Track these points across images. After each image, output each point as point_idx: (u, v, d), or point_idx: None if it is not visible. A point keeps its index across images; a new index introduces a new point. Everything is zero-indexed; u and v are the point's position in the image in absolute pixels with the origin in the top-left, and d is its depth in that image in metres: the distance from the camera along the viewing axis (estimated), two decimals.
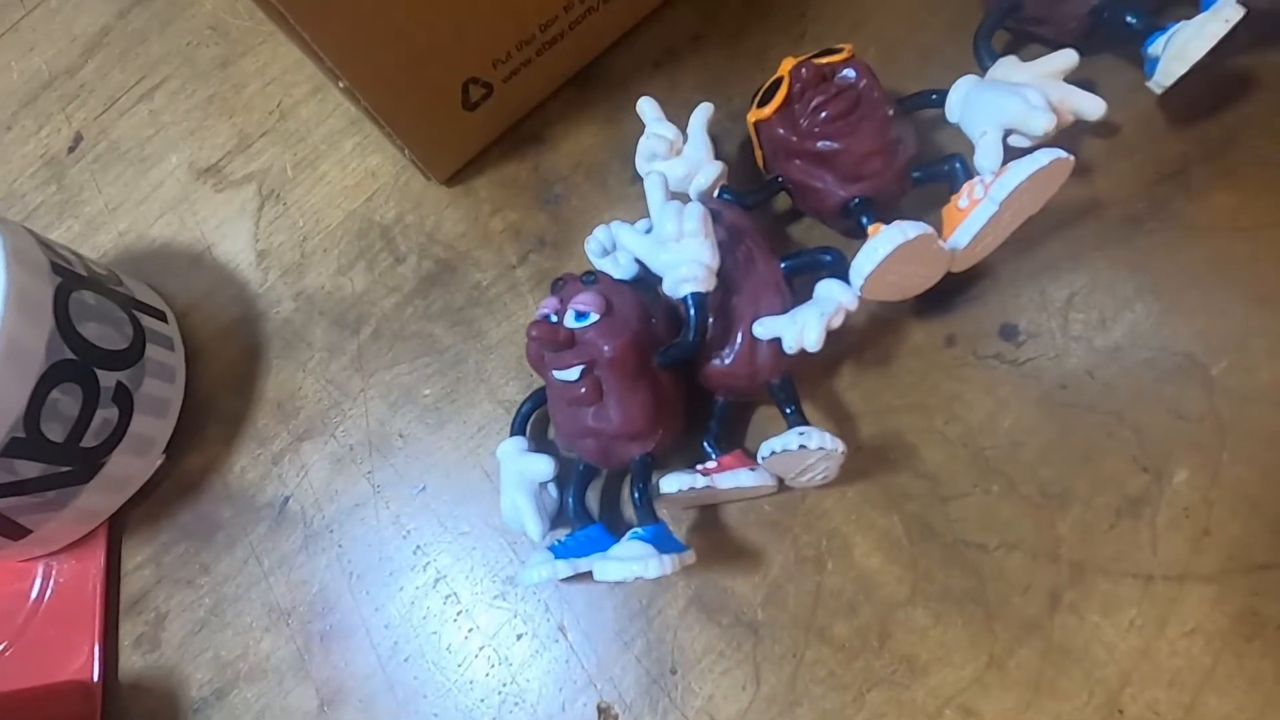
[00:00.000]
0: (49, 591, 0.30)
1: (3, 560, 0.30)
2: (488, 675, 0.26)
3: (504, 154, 0.33)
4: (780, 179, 0.26)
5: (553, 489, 0.25)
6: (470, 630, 0.27)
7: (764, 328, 0.23)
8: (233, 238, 0.35)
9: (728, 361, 0.23)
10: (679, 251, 0.22)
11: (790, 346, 0.22)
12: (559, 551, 0.24)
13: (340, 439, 0.30)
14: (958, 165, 0.25)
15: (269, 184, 0.36)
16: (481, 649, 0.26)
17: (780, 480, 0.24)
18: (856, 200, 0.25)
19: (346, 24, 0.24)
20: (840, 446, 0.21)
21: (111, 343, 0.29)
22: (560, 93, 0.33)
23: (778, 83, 0.25)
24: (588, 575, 0.25)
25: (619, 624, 0.25)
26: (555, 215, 0.32)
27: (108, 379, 0.28)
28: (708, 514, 0.26)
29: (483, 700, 0.26)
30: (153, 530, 0.31)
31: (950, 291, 0.26)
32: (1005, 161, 0.24)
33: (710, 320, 0.23)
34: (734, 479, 0.23)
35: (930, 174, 0.25)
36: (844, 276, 0.23)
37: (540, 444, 0.28)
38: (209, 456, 0.31)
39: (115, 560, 0.31)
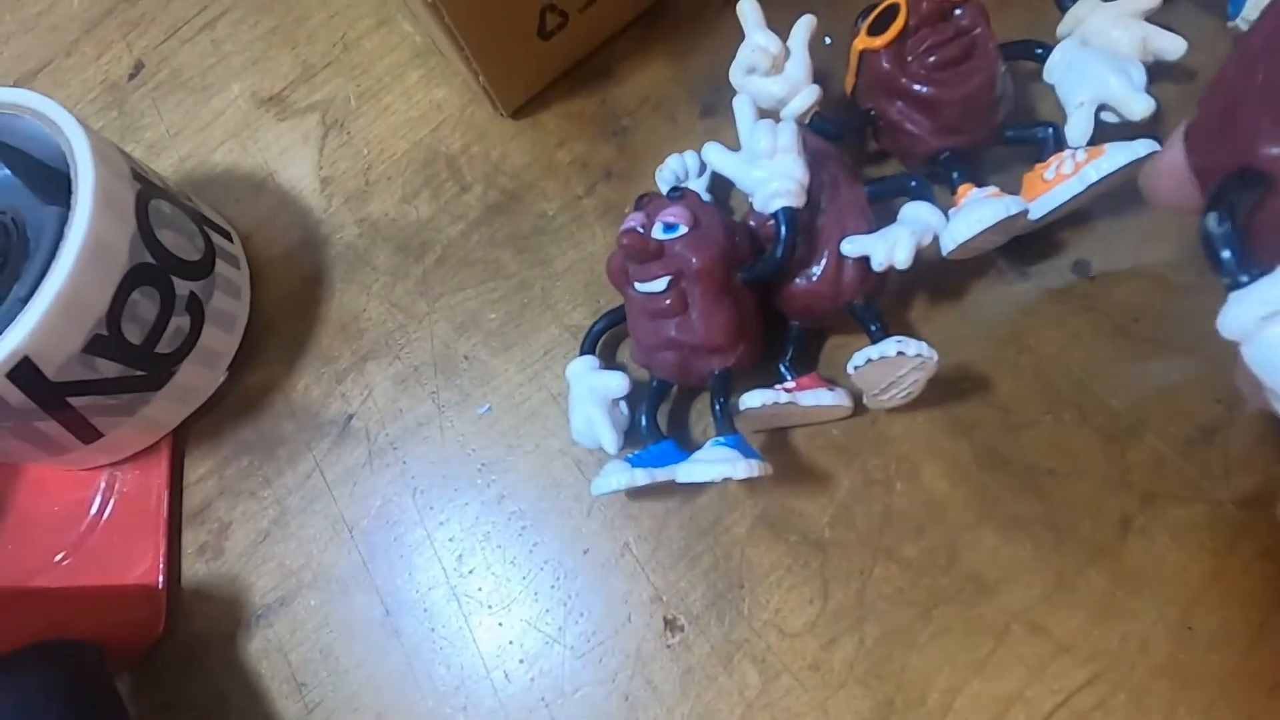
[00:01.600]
0: (112, 501, 0.31)
1: (72, 465, 0.30)
2: (553, 588, 0.26)
3: (571, 88, 0.33)
4: (872, 111, 0.26)
5: (624, 406, 0.26)
6: (535, 545, 0.27)
7: (853, 245, 0.23)
8: (296, 165, 0.35)
9: (814, 279, 0.24)
10: (772, 168, 0.23)
11: (879, 264, 0.22)
12: (635, 462, 0.24)
13: (405, 360, 0.30)
14: (1051, 134, 0.24)
15: (333, 113, 0.36)
16: (546, 563, 0.27)
17: (856, 402, 0.25)
18: (947, 153, 0.25)
19: None
20: (935, 356, 0.21)
21: (185, 253, 0.29)
22: (628, 29, 0.33)
23: (892, 11, 0.25)
24: (655, 491, 0.25)
25: (685, 541, 0.26)
26: (622, 148, 0.32)
27: (182, 287, 0.28)
28: (775, 438, 0.26)
29: (548, 611, 0.26)
30: (215, 444, 0.31)
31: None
32: (1093, 137, 0.24)
33: (798, 240, 0.24)
34: (815, 397, 0.23)
35: (1023, 137, 0.25)
36: (929, 200, 0.24)
37: (608, 365, 0.28)
38: (271, 374, 0.32)
39: (178, 472, 0.31)
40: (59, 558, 0.31)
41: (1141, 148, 0.22)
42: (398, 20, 0.37)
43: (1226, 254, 0.15)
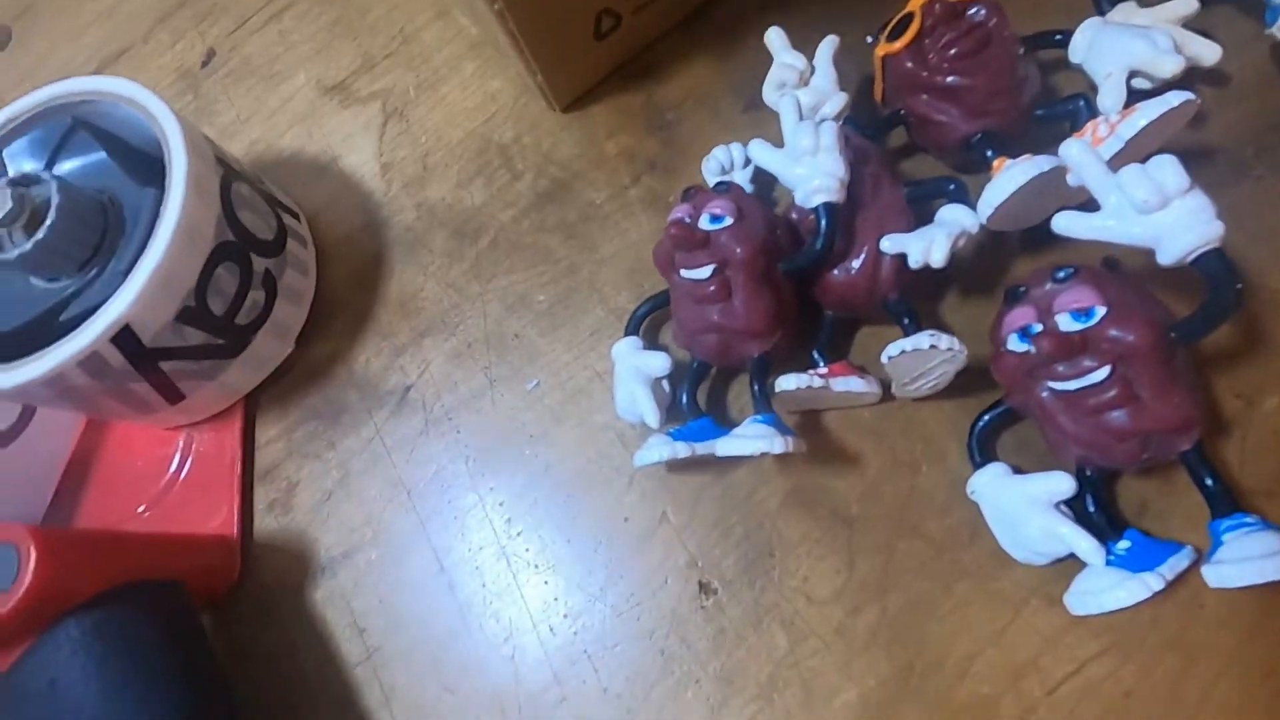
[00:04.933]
0: (190, 459, 0.34)
1: (156, 424, 0.33)
2: (595, 551, 0.28)
3: (619, 84, 0.35)
4: (901, 112, 0.27)
5: (666, 385, 0.28)
6: (579, 513, 0.29)
7: (891, 243, 0.24)
8: (358, 151, 0.38)
9: (853, 273, 0.25)
10: (813, 165, 0.24)
11: (916, 261, 0.23)
12: (676, 436, 0.26)
13: (459, 336, 0.33)
14: (1082, 104, 0.26)
15: (392, 102, 0.38)
16: (589, 529, 0.29)
17: (885, 389, 0.26)
18: (980, 135, 0.26)
19: None
20: (965, 350, 0.23)
21: (261, 232, 0.31)
22: (669, 34, 0.35)
23: (908, 18, 0.27)
24: (691, 466, 0.27)
25: (719, 513, 0.27)
26: (667, 140, 0.33)
27: (259, 264, 0.31)
28: (808, 419, 0.28)
29: (591, 573, 0.28)
30: (283, 410, 0.34)
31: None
32: (1127, 104, 0.25)
33: (837, 234, 0.25)
34: (846, 384, 0.25)
35: (1054, 112, 0.26)
36: (965, 204, 0.25)
37: (650, 346, 0.30)
38: (335, 347, 0.34)
39: (250, 434, 0.34)
40: (141, 509, 0.33)
41: (1174, 98, 0.23)
42: (454, 14, 0.39)
43: None
